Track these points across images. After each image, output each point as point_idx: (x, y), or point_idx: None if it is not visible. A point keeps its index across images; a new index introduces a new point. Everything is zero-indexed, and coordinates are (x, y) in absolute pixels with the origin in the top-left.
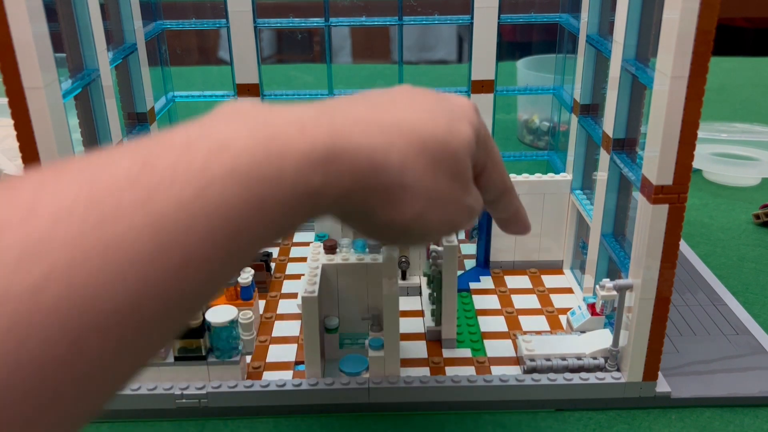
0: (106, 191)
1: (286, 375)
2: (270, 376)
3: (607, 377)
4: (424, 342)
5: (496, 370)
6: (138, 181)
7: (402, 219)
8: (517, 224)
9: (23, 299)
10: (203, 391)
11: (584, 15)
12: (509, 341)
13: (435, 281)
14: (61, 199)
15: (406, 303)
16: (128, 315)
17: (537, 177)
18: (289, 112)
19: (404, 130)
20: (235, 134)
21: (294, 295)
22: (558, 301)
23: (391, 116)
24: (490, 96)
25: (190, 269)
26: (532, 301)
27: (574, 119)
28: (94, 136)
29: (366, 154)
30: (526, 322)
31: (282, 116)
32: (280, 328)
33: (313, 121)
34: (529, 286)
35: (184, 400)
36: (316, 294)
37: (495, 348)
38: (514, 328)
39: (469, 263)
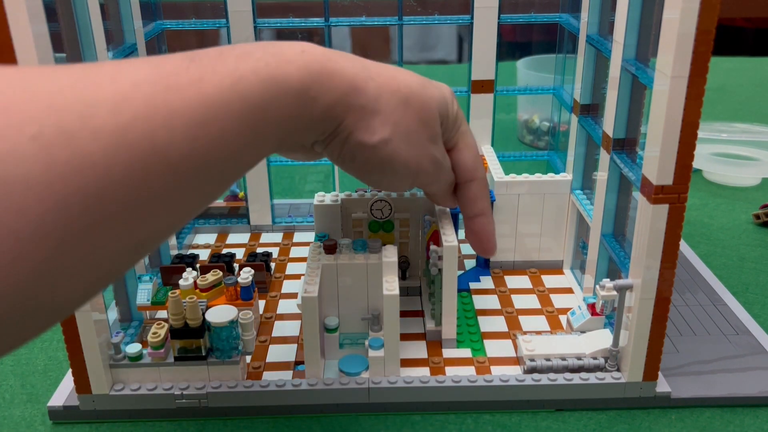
0: (167, 73)
1: (286, 375)
2: (270, 376)
3: (607, 377)
4: (424, 342)
5: (496, 370)
6: (189, 70)
7: (371, 141)
8: (481, 234)
9: (115, 135)
10: (203, 391)
11: (584, 15)
12: (509, 341)
13: (435, 281)
14: (136, 73)
15: (406, 303)
16: (183, 164)
17: (537, 177)
18: (292, 43)
19: (384, 74)
20: (252, 48)
21: (294, 295)
22: (558, 301)
23: (375, 65)
24: (490, 96)
25: (226, 140)
26: (532, 301)
27: (574, 119)
28: None
29: (349, 77)
30: (526, 322)
31: (285, 43)
32: (280, 328)
33: (311, 47)
34: (529, 286)
35: (184, 400)
36: (316, 294)
37: (495, 348)
38: (514, 328)
39: (469, 263)
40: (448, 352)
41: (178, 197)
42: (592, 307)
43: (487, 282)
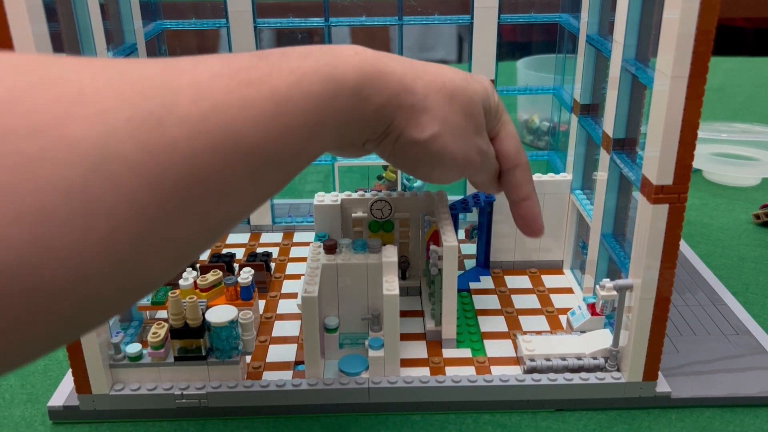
0: (239, 68)
1: (286, 375)
2: (270, 376)
3: (607, 377)
4: (424, 342)
5: (496, 370)
6: (259, 65)
7: (421, 137)
8: (528, 218)
9: (197, 122)
10: (203, 391)
11: (584, 15)
12: (509, 341)
13: (435, 281)
14: (212, 67)
15: (406, 303)
16: (254, 153)
17: (537, 177)
18: (345, 45)
19: (429, 71)
20: (311, 49)
21: (294, 295)
22: (558, 301)
23: (421, 64)
24: None
25: (291, 133)
26: (532, 301)
27: (574, 119)
28: None
29: (399, 77)
30: (526, 322)
31: (340, 45)
32: (280, 328)
33: (363, 50)
34: (529, 286)
35: (184, 400)
36: (316, 294)
37: (495, 348)
38: (514, 328)
39: (469, 263)
40: (448, 352)
41: (250, 184)
42: (592, 307)
43: (487, 282)
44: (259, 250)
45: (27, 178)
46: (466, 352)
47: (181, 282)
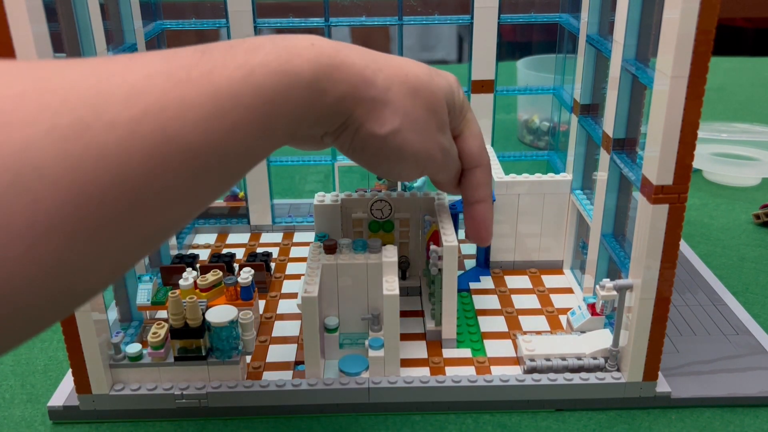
0: (179, 66)
1: (286, 375)
2: (270, 376)
3: (607, 377)
4: (424, 342)
5: (496, 370)
6: (200, 63)
7: (381, 131)
8: (479, 222)
9: (128, 127)
10: (203, 391)
11: (584, 15)
12: (509, 341)
13: (435, 281)
14: (148, 66)
15: (406, 303)
16: (196, 155)
17: (537, 177)
18: (301, 36)
19: (392, 64)
20: (262, 41)
21: (294, 295)
22: (558, 301)
23: (384, 57)
24: (490, 96)
25: (238, 131)
26: (532, 301)
27: (574, 119)
28: None
29: (358, 69)
30: (526, 322)
31: (295, 36)
32: (280, 328)
33: (320, 40)
34: (529, 286)
35: (184, 400)
36: (316, 294)
37: (495, 348)
38: (514, 328)
39: (469, 263)
40: (448, 352)
41: (191, 188)
42: (592, 307)
43: (487, 282)
44: (259, 250)
45: None
46: (466, 352)
47: (181, 282)
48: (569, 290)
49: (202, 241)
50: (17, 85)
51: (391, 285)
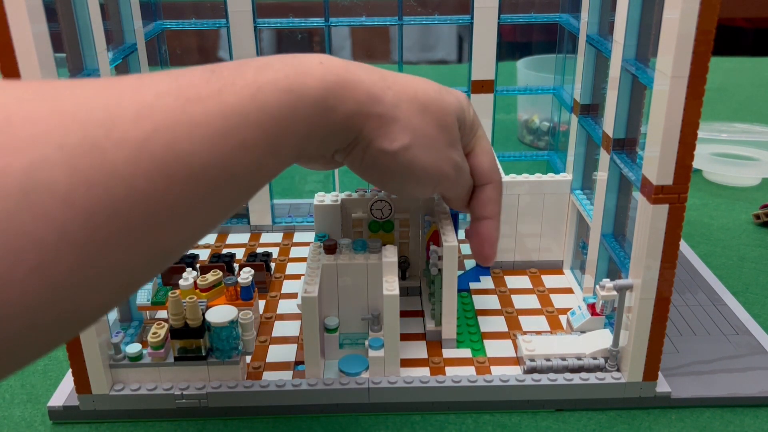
0: (188, 84)
1: (286, 375)
2: (270, 376)
3: (607, 377)
4: (424, 342)
5: (496, 370)
6: (210, 82)
7: (391, 148)
8: (485, 239)
9: (137, 145)
10: (203, 391)
11: (584, 15)
12: (509, 341)
13: (435, 281)
14: (157, 85)
15: (406, 303)
16: (205, 173)
17: (537, 177)
18: (310, 55)
19: (400, 82)
20: (271, 60)
21: (294, 295)
22: (558, 301)
23: (392, 74)
24: (490, 96)
25: (247, 150)
26: (532, 301)
27: (574, 119)
28: None
29: (366, 86)
30: (526, 322)
31: (304, 54)
32: (280, 328)
33: (329, 59)
34: (529, 286)
35: (184, 400)
36: (316, 294)
37: (495, 348)
38: (514, 328)
39: (469, 263)
40: (448, 352)
41: (200, 206)
42: (592, 307)
43: (487, 282)
44: (259, 250)
45: None
46: (466, 352)
47: (181, 282)
48: (569, 290)
49: (202, 241)
50: (28, 106)
51: (391, 285)
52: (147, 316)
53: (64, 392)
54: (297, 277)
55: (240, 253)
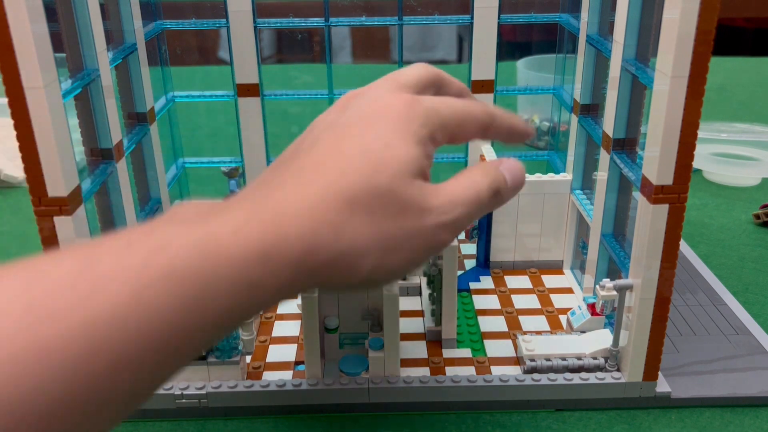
0: (44, 293)
1: (286, 375)
2: (270, 376)
3: (607, 377)
4: (424, 342)
5: (496, 370)
6: (76, 284)
7: (359, 278)
8: (516, 132)
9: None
10: (203, 391)
11: (584, 15)
12: (509, 341)
13: (435, 281)
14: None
15: (406, 303)
16: (57, 412)
17: (537, 177)
18: (226, 212)
19: (328, 196)
20: (173, 235)
21: None
22: (558, 301)
23: (315, 184)
24: (490, 96)
25: (120, 371)
26: (532, 301)
27: (574, 119)
28: (94, 136)
29: (297, 243)
30: (526, 322)
31: (219, 217)
32: (280, 328)
33: (245, 219)
34: (529, 286)
35: (184, 400)
36: (316, 294)
37: (495, 348)
38: (514, 328)
39: (469, 263)
40: (448, 352)
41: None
42: (592, 307)
43: (487, 282)
44: None
45: None
46: (466, 352)
47: None
48: (569, 290)
49: None
50: None
51: (391, 285)
52: None
53: None
54: None
55: None
